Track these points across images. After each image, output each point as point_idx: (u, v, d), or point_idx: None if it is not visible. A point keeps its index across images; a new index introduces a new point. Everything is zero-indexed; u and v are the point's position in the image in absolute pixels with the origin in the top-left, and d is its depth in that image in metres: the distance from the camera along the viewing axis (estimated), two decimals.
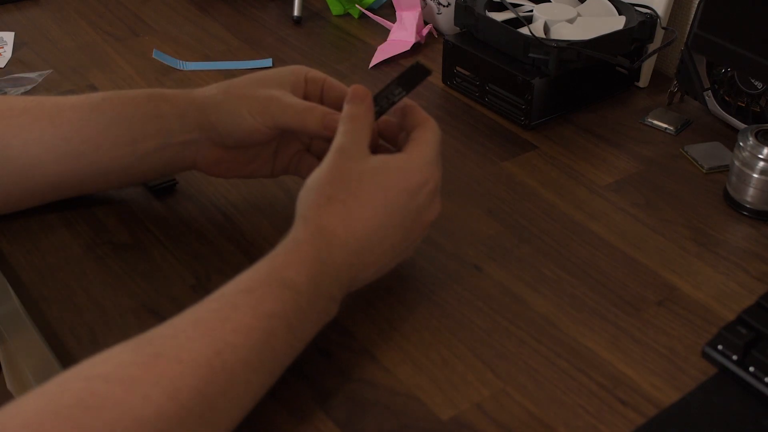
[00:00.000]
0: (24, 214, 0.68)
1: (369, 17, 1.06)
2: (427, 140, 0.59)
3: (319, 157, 0.68)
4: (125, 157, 0.65)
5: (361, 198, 0.55)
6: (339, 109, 0.64)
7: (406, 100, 0.61)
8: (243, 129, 0.63)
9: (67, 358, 0.57)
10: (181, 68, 0.94)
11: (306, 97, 0.65)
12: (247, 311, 0.49)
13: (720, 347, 0.57)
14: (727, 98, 0.82)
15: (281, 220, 0.70)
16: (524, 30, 0.82)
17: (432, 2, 1.01)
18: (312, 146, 0.69)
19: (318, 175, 0.56)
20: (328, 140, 0.59)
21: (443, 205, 0.60)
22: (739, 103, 0.81)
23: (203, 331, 0.47)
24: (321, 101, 0.66)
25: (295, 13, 1.05)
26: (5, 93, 0.86)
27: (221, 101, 0.63)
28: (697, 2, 0.81)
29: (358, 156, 0.56)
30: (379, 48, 0.98)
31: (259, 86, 0.63)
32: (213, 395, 0.46)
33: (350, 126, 0.58)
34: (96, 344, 0.58)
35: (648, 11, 0.87)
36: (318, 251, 0.53)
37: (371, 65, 0.95)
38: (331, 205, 0.54)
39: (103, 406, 0.42)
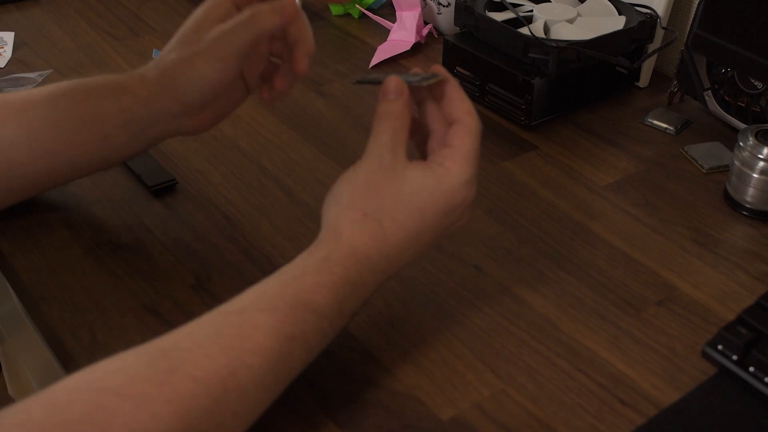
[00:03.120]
0: (24, 213, 0.68)
1: (369, 17, 1.06)
2: (467, 152, 0.55)
3: (285, 54, 0.65)
4: (100, 150, 0.64)
5: (397, 219, 0.52)
6: None
7: (450, 78, 0.56)
8: (212, 81, 0.61)
9: (67, 358, 0.57)
10: None
11: (238, 7, 0.62)
12: (268, 332, 0.47)
13: (720, 347, 0.57)
14: (727, 98, 0.82)
15: (281, 220, 0.70)
16: (524, 30, 0.82)
17: (432, 2, 1.01)
18: (273, 51, 0.65)
19: (352, 183, 0.53)
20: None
21: None
22: (739, 103, 0.81)
23: (221, 348, 0.46)
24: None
25: None
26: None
27: (173, 70, 0.61)
28: (697, 2, 0.81)
29: (396, 166, 0.53)
30: (379, 48, 0.98)
31: (200, 32, 0.61)
32: (223, 415, 0.45)
33: (386, 126, 0.54)
34: (96, 344, 0.58)
35: (648, 11, 0.87)
36: (348, 273, 0.51)
37: (371, 65, 0.95)
38: (366, 223, 0.52)
39: (112, 423, 0.41)
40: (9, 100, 0.64)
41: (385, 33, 1.02)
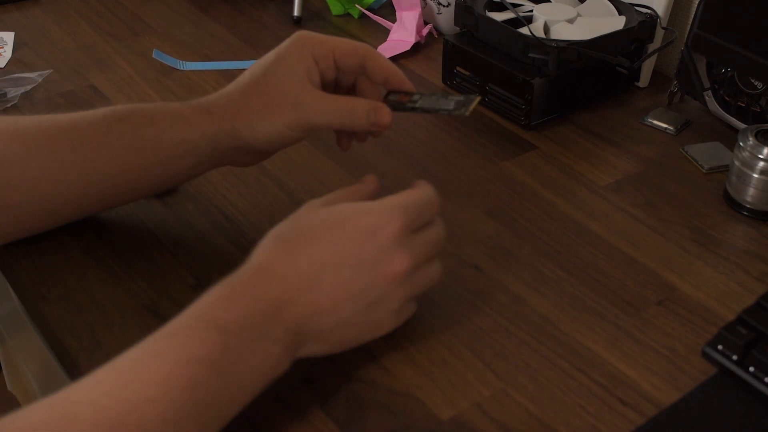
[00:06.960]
0: None
1: (369, 17, 1.06)
2: (405, 195, 0.55)
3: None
4: (155, 177, 0.64)
5: (309, 237, 0.52)
6: (353, 71, 0.63)
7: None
8: (283, 141, 0.62)
9: (67, 359, 0.57)
10: (181, 68, 0.94)
11: (322, 75, 0.62)
12: (168, 358, 0.45)
13: (720, 347, 0.57)
14: (727, 98, 0.82)
15: (281, 220, 0.70)
16: (524, 30, 0.82)
17: (432, 2, 1.01)
18: None
19: (280, 224, 0.54)
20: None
21: (443, 205, 0.59)
22: (739, 103, 0.81)
23: (121, 384, 0.44)
24: (335, 68, 0.63)
25: (295, 13, 1.05)
26: (5, 93, 0.86)
27: (255, 123, 0.61)
28: (697, 2, 0.81)
29: (324, 206, 0.54)
30: (379, 48, 0.98)
31: (283, 90, 0.60)
32: None
33: (344, 194, 0.56)
34: (96, 344, 0.58)
35: (648, 11, 0.87)
36: (251, 287, 0.49)
37: None
38: (275, 246, 0.52)
39: None
40: (62, 122, 0.62)
41: (385, 33, 1.02)
